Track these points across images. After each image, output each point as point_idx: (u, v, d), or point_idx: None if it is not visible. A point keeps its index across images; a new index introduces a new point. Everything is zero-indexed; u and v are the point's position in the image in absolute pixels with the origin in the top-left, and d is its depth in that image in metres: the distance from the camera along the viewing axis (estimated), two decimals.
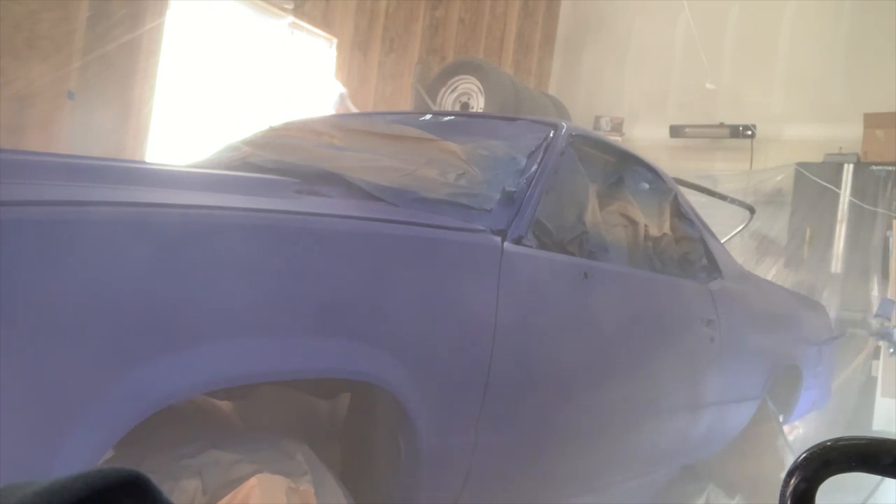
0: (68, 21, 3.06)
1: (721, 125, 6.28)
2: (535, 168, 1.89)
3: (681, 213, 2.57)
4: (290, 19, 4.35)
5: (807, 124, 5.90)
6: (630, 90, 6.87)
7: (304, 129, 2.35)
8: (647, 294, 2.20)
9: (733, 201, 3.79)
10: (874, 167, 5.43)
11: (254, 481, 1.12)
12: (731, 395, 2.63)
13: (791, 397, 3.33)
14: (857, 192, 5.45)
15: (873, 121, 5.46)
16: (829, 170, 5.58)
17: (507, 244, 1.63)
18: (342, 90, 4.59)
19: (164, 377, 0.99)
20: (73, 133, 3.12)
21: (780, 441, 2.98)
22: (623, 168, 2.39)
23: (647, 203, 2.41)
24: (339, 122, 2.40)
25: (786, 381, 3.23)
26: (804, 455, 0.64)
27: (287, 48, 4.40)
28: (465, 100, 5.38)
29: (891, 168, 5.34)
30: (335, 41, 4.69)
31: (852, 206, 5.46)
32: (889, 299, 4.15)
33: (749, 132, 6.14)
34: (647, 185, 2.50)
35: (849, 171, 5.53)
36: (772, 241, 5.72)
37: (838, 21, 5.96)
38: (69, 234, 0.95)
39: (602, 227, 2.05)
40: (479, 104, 5.28)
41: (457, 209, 1.71)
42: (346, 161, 1.94)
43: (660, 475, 2.68)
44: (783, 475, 0.64)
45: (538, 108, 5.47)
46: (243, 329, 1.10)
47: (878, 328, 3.87)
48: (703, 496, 2.79)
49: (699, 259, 2.56)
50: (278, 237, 1.20)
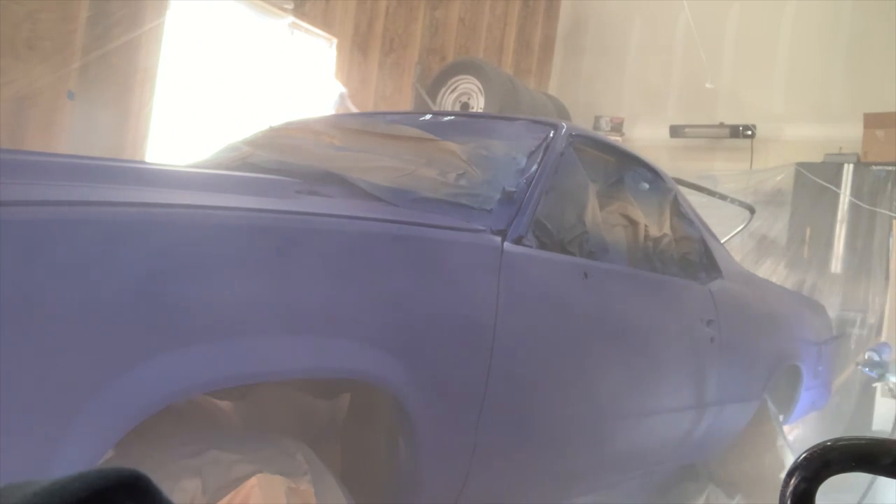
0: (68, 21, 3.06)
1: (721, 125, 6.28)
2: (535, 168, 1.89)
3: (681, 213, 2.57)
4: (290, 19, 4.36)
5: (807, 124, 5.90)
6: (630, 90, 6.87)
7: (304, 129, 2.35)
8: (647, 294, 2.20)
9: (733, 201, 3.80)
10: (874, 167, 5.43)
11: (254, 481, 1.12)
12: (731, 395, 2.63)
13: (791, 397, 3.33)
14: (857, 192, 5.45)
15: (873, 121, 5.46)
16: (829, 170, 5.58)
17: (507, 244, 1.63)
18: (342, 90, 4.59)
19: (164, 377, 0.99)
20: (73, 133, 3.12)
21: (780, 441, 2.98)
22: (623, 168, 2.39)
23: (647, 203, 2.41)
24: (339, 122, 2.39)
25: (786, 381, 3.24)
26: (804, 455, 0.64)
27: (287, 48, 4.40)
28: (465, 100, 5.38)
29: (891, 168, 5.34)
30: (335, 41, 4.69)
31: (852, 206, 5.46)
32: (885, 343, 4.00)
33: (749, 132, 6.14)
34: (647, 185, 2.50)
35: (849, 171, 5.53)
36: (772, 241, 5.72)
37: (838, 21, 5.96)
38: (69, 234, 0.95)
39: (602, 227, 2.05)
40: (479, 104, 5.28)
41: (457, 209, 1.71)
42: (346, 161, 1.94)
43: (660, 475, 2.68)
44: (783, 475, 0.64)
45: (538, 109, 5.47)
46: (243, 329, 1.10)
47: (866, 360, 3.70)
48: (703, 496, 2.79)
49: (699, 259, 2.56)
50: (278, 237, 1.20)
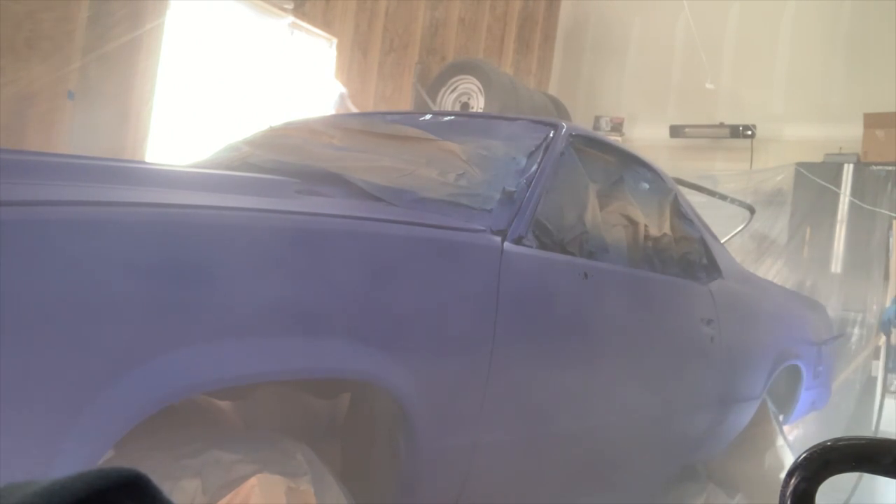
0: (68, 21, 3.06)
1: (721, 125, 6.28)
2: (535, 168, 1.89)
3: (681, 213, 2.57)
4: (290, 19, 4.35)
5: (807, 124, 5.90)
6: (630, 90, 6.87)
7: (304, 129, 2.35)
8: (647, 294, 2.20)
9: (733, 201, 3.80)
10: (874, 167, 5.43)
11: (254, 481, 1.12)
12: (731, 395, 2.63)
13: (791, 397, 3.33)
14: (857, 192, 5.45)
15: (873, 121, 5.46)
16: (829, 170, 5.58)
17: (507, 244, 1.63)
18: (342, 90, 4.59)
19: (164, 377, 0.99)
20: (73, 133, 3.12)
21: (780, 441, 2.98)
22: (623, 168, 2.39)
23: (647, 203, 2.41)
24: (339, 122, 2.39)
25: (786, 381, 3.24)
26: (804, 455, 0.64)
27: (287, 48, 4.40)
28: (465, 100, 5.38)
29: (891, 168, 5.34)
30: (335, 41, 4.69)
31: (852, 206, 5.45)
32: None
33: (749, 132, 6.14)
34: (647, 185, 2.50)
35: (849, 171, 5.53)
36: (772, 241, 5.72)
37: (838, 21, 5.96)
38: (69, 234, 0.95)
39: (602, 227, 2.05)
40: (479, 104, 5.28)
41: (457, 209, 1.71)
42: (346, 161, 1.94)
43: (660, 475, 2.68)
44: (783, 475, 0.64)
45: (538, 109, 5.47)
46: (243, 329, 1.10)
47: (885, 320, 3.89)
48: (703, 496, 2.79)
49: (699, 259, 2.55)
50: (278, 237, 1.20)
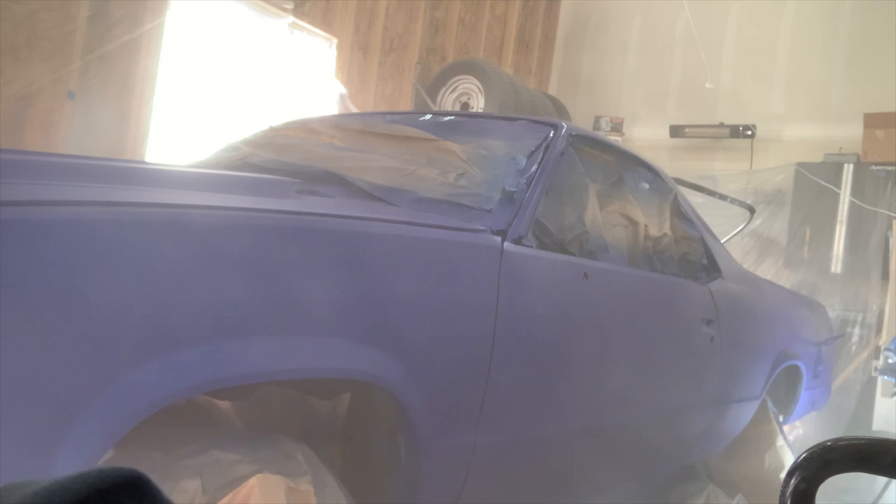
0: (68, 21, 3.06)
1: (721, 125, 6.29)
2: (535, 168, 1.89)
3: (681, 213, 2.57)
4: (290, 19, 4.35)
5: (807, 124, 5.90)
6: (630, 90, 6.88)
7: (304, 129, 2.35)
8: (647, 294, 2.20)
9: (733, 201, 3.80)
10: (874, 167, 5.43)
11: (254, 481, 1.12)
12: (731, 395, 2.63)
13: (791, 397, 3.33)
14: (857, 192, 5.45)
15: (873, 121, 5.47)
16: (829, 170, 5.58)
17: (507, 244, 1.63)
18: (342, 90, 4.59)
19: (164, 377, 0.99)
20: (73, 133, 3.12)
21: (780, 441, 2.98)
22: (623, 168, 2.39)
23: (647, 203, 2.41)
24: (339, 122, 2.39)
25: (786, 381, 3.24)
26: (804, 455, 0.64)
27: (287, 48, 4.40)
28: (465, 100, 5.38)
29: (891, 168, 5.34)
30: (335, 41, 4.69)
31: (852, 206, 5.46)
32: None
33: (749, 132, 6.14)
34: (647, 185, 2.50)
35: (849, 171, 5.53)
36: (772, 241, 5.72)
37: (838, 21, 5.96)
38: (69, 234, 0.95)
39: (602, 227, 2.05)
40: (479, 104, 5.28)
41: (457, 209, 1.71)
42: (346, 161, 1.94)
43: (660, 475, 2.68)
44: (783, 475, 0.64)
45: (538, 109, 5.47)
46: (243, 329, 1.10)
47: (885, 365, 3.86)
48: (703, 496, 2.79)
49: (699, 259, 2.55)
50: (278, 237, 1.20)
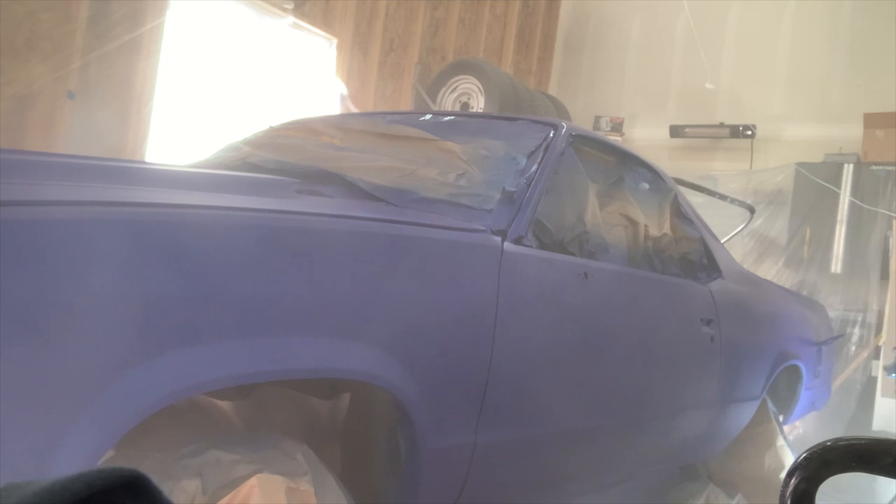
0: (68, 21, 3.06)
1: (721, 125, 6.28)
2: (535, 168, 1.89)
3: (681, 213, 2.57)
4: (290, 19, 4.35)
5: (807, 124, 5.90)
6: (630, 90, 6.87)
7: (304, 129, 2.35)
8: (647, 294, 2.20)
9: (733, 201, 3.80)
10: (874, 167, 5.43)
11: (254, 481, 1.12)
12: (731, 395, 2.63)
13: (791, 397, 3.33)
14: (857, 192, 5.45)
15: (873, 121, 5.46)
16: (829, 170, 5.58)
17: (507, 244, 1.63)
18: (343, 90, 4.59)
19: (164, 377, 0.99)
20: (73, 133, 3.12)
21: (780, 441, 2.98)
22: (623, 168, 2.39)
23: (647, 203, 2.41)
24: (339, 122, 2.40)
25: (786, 381, 3.23)
26: (804, 455, 0.64)
27: (287, 48, 4.40)
28: (465, 100, 5.38)
29: (891, 168, 5.34)
30: (335, 41, 4.69)
31: (852, 206, 5.45)
32: None
33: (749, 132, 6.14)
34: (647, 185, 2.50)
35: (849, 171, 5.53)
36: (772, 241, 5.72)
37: (838, 21, 5.96)
38: (69, 234, 0.95)
39: (602, 227, 2.05)
40: (479, 104, 5.28)
41: (457, 209, 1.71)
42: (346, 161, 1.94)
43: (660, 475, 2.68)
44: (783, 475, 0.64)
45: (538, 109, 5.47)
46: (243, 329, 1.10)
47: (895, 363, 3.89)
48: (703, 496, 2.79)
49: (699, 259, 2.56)
50: (278, 237, 1.20)
